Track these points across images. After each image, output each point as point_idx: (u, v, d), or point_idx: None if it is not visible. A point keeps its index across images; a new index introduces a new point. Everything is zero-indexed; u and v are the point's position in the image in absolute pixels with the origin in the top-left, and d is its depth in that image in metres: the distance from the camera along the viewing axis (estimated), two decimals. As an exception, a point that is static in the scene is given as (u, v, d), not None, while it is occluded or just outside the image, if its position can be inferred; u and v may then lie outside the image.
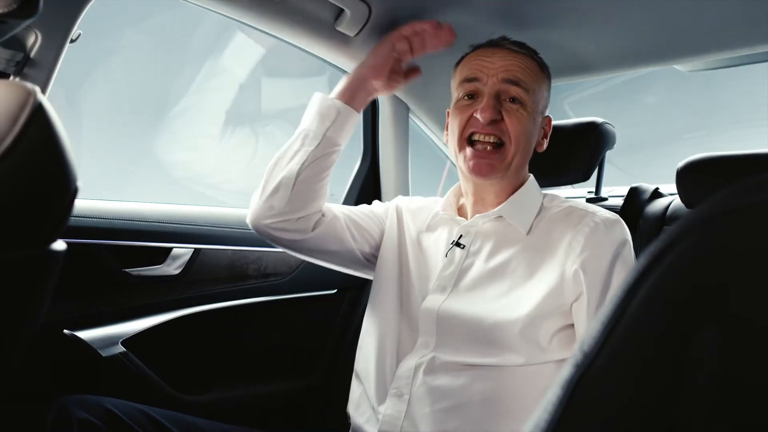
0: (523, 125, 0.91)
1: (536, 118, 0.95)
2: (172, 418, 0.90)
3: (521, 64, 0.94)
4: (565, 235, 0.86)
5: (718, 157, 1.18)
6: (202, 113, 2.33)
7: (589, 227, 0.85)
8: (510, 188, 0.96)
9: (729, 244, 0.25)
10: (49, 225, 0.53)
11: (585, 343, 0.28)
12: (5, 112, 0.48)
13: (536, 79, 0.95)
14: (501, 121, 0.91)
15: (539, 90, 0.95)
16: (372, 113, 1.60)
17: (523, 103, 0.92)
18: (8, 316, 0.53)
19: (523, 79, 0.92)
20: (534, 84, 0.94)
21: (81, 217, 1.09)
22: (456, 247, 0.94)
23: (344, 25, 1.25)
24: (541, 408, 0.29)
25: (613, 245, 0.84)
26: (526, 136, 0.92)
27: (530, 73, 0.94)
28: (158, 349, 1.14)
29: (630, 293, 0.27)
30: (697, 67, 1.49)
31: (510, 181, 0.96)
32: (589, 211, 0.89)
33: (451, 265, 0.93)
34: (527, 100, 0.92)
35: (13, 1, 0.56)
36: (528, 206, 0.94)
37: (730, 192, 0.26)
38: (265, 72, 2.37)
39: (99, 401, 0.84)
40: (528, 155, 0.96)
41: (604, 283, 0.81)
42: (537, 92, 0.94)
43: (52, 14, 0.87)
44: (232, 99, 2.34)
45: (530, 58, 0.96)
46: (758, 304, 0.23)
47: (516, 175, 0.96)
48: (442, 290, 0.92)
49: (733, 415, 0.23)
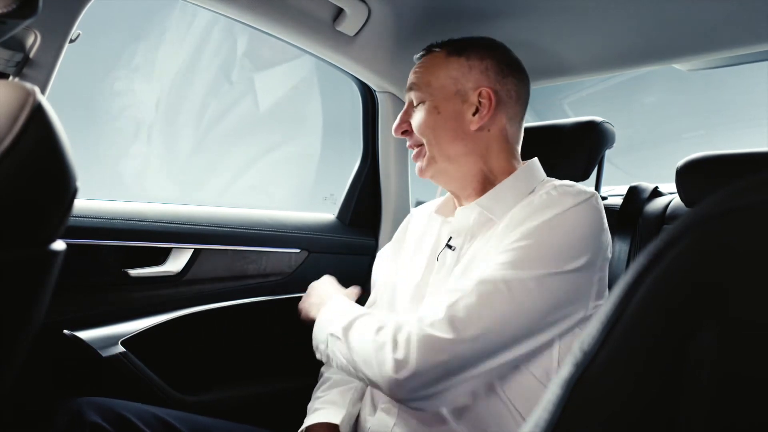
0: (422, 122, 0.94)
1: (442, 105, 0.93)
2: (183, 420, 0.91)
3: (419, 68, 0.97)
4: (520, 211, 0.84)
5: (717, 156, 1.19)
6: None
7: (540, 198, 0.84)
8: (475, 179, 0.95)
9: (729, 243, 0.25)
10: (49, 225, 0.53)
11: (585, 342, 0.28)
12: (5, 113, 0.48)
13: (432, 70, 0.95)
14: (411, 131, 0.97)
15: (439, 76, 0.95)
16: (371, 113, 1.60)
17: (422, 102, 0.95)
18: (8, 316, 0.53)
19: (416, 81, 0.96)
20: (429, 76, 0.95)
21: (81, 217, 1.09)
22: (447, 249, 0.94)
23: (344, 25, 1.25)
24: (541, 407, 0.29)
25: (551, 213, 0.80)
26: (431, 130, 0.93)
27: (425, 69, 0.96)
28: (158, 349, 1.14)
29: (629, 292, 0.27)
30: (697, 66, 1.49)
31: (457, 171, 0.95)
32: (555, 184, 0.87)
33: (443, 269, 0.92)
34: (424, 96, 0.95)
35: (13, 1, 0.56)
36: (507, 197, 0.90)
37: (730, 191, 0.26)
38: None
39: (110, 404, 0.84)
40: (451, 143, 0.93)
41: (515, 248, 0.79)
42: (435, 80, 0.95)
43: (51, 14, 0.87)
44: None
45: (431, 53, 0.98)
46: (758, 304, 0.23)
47: (459, 165, 0.94)
48: (435, 295, 0.91)
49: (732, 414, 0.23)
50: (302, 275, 1.43)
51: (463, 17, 1.27)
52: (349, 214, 1.60)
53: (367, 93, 1.59)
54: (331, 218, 1.60)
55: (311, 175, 2.64)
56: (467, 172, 0.94)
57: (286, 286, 1.41)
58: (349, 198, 1.61)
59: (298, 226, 1.47)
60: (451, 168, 0.94)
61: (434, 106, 0.94)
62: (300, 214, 1.53)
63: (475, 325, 0.74)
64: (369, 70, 1.43)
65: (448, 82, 0.94)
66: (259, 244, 1.37)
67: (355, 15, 1.24)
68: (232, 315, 1.29)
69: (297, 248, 1.44)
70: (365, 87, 1.57)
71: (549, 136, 1.32)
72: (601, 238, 0.82)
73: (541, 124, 1.36)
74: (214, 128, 2.31)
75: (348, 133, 1.71)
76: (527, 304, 0.75)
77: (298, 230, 1.46)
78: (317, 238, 1.49)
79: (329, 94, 2.42)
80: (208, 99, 2.29)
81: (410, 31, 1.33)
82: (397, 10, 1.27)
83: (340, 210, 1.61)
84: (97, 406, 0.82)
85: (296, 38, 1.27)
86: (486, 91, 0.92)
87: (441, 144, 0.94)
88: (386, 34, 1.33)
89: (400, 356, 0.74)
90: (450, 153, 0.94)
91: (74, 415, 0.80)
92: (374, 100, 1.58)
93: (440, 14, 1.28)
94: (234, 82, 2.34)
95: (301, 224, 1.48)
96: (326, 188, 1.69)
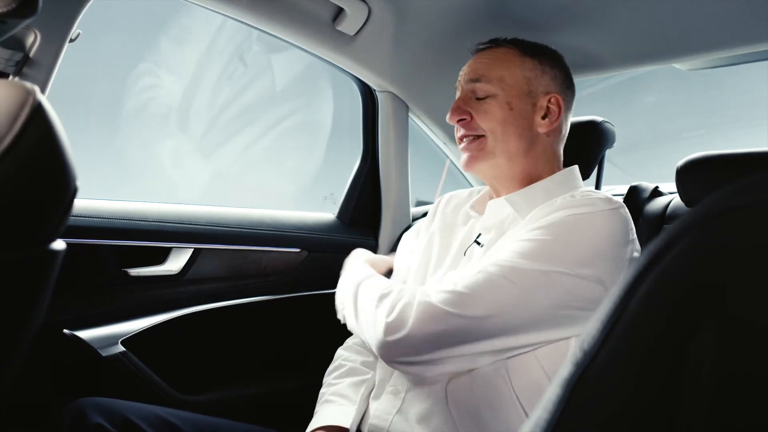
0: (491, 115, 0.93)
1: (515, 102, 0.94)
2: (186, 419, 0.90)
3: (486, 59, 0.96)
4: (542, 211, 0.86)
5: (717, 156, 1.19)
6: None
7: (564, 200, 0.85)
8: (518, 178, 0.96)
9: (728, 242, 0.25)
10: (49, 225, 0.53)
11: (585, 341, 0.28)
12: (4, 112, 0.48)
13: (507, 65, 0.95)
14: (471, 120, 0.95)
15: (515, 73, 0.94)
16: (371, 113, 1.60)
17: (491, 95, 0.94)
18: (8, 316, 0.53)
19: (485, 73, 0.95)
20: (502, 71, 0.94)
21: (81, 217, 1.09)
22: (476, 245, 0.95)
23: (344, 25, 1.25)
24: (541, 407, 0.29)
25: (563, 213, 0.81)
26: (500, 125, 0.93)
27: (497, 62, 0.95)
28: (158, 349, 1.14)
29: (629, 292, 0.27)
30: (697, 65, 1.49)
31: (510, 168, 0.95)
32: (583, 190, 0.89)
33: (469, 264, 0.93)
34: (495, 90, 0.94)
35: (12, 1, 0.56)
36: (540, 196, 0.92)
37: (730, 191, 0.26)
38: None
39: (113, 405, 0.84)
40: (517, 140, 0.93)
41: (529, 237, 0.80)
42: (510, 77, 0.94)
43: (51, 14, 0.87)
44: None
45: (501, 47, 0.97)
46: (758, 304, 0.23)
47: (513, 162, 0.95)
48: None
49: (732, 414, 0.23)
50: (302, 275, 1.43)
51: (462, 17, 1.27)
52: (349, 214, 1.60)
53: (367, 92, 1.58)
54: (331, 218, 1.60)
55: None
56: (518, 171, 0.95)
57: (286, 285, 1.41)
58: (349, 198, 1.61)
59: (298, 226, 1.47)
60: (506, 165, 0.95)
61: (507, 101, 0.94)
62: (300, 214, 1.53)
63: (477, 304, 0.75)
64: (369, 70, 1.43)
65: (522, 81, 0.95)
66: (259, 244, 1.37)
67: (355, 14, 1.24)
68: (231, 315, 1.29)
69: (297, 248, 1.44)
70: (365, 86, 1.57)
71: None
72: (623, 249, 0.80)
73: (541, 124, 1.36)
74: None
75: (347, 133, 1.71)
76: (533, 295, 0.76)
77: (298, 230, 1.46)
78: (317, 238, 1.49)
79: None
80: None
81: (410, 30, 1.33)
82: (398, 9, 1.27)
83: (340, 210, 1.61)
84: (100, 406, 0.82)
85: (296, 38, 1.27)
86: (556, 98, 0.95)
87: (507, 139, 0.94)
88: (386, 34, 1.33)
89: (394, 319, 0.77)
90: (512, 150, 0.94)
91: (77, 417, 0.80)
92: (374, 100, 1.58)
93: (440, 14, 1.28)
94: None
95: (301, 224, 1.48)
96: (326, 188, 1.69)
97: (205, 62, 2.29)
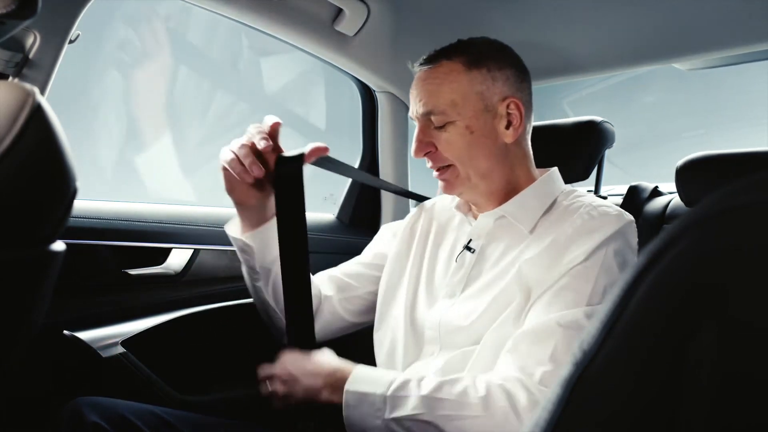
0: (454, 144, 0.89)
1: (474, 124, 0.89)
2: (184, 419, 0.90)
3: (431, 85, 0.90)
4: (563, 232, 0.85)
5: (717, 156, 1.19)
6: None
7: (583, 220, 0.84)
8: (501, 189, 0.94)
9: (728, 242, 0.25)
10: (49, 225, 0.53)
11: (584, 341, 0.28)
12: (4, 113, 0.48)
13: (454, 87, 0.89)
14: (436, 151, 0.91)
15: (465, 93, 0.89)
16: (371, 113, 1.60)
17: (449, 122, 0.89)
18: (8, 316, 0.53)
19: (435, 103, 0.89)
20: (451, 95, 0.89)
21: (81, 217, 1.08)
22: (467, 251, 0.94)
23: (343, 25, 1.25)
24: (541, 407, 0.29)
25: (598, 239, 0.81)
26: (465, 151, 0.89)
27: (443, 86, 0.89)
28: (158, 350, 1.14)
29: (629, 292, 0.27)
30: (697, 65, 1.49)
31: (487, 187, 0.93)
32: (593, 204, 0.87)
33: (461, 270, 0.92)
34: (452, 117, 0.89)
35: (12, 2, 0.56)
36: (532, 206, 0.91)
37: (730, 191, 0.26)
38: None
39: (111, 404, 0.84)
40: (487, 160, 0.91)
41: (574, 275, 0.80)
42: (461, 99, 0.89)
43: (50, 15, 0.86)
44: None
45: (441, 64, 0.91)
46: (757, 303, 0.23)
47: (491, 180, 0.92)
48: (449, 296, 0.91)
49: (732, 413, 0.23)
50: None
51: (462, 17, 1.27)
52: (349, 215, 1.60)
53: (367, 93, 1.58)
54: (331, 218, 1.60)
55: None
56: (498, 186, 0.93)
57: (286, 286, 1.41)
58: (349, 198, 1.61)
59: (298, 226, 1.46)
60: (483, 184, 0.92)
61: (465, 126, 0.89)
62: (300, 214, 1.52)
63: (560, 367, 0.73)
64: (368, 70, 1.43)
65: (475, 98, 0.89)
66: (259, 244, 1.36)
67: (354, 15, 1.24)
68: (231, 315, 1.29)
69: (297, 248, 1.44)
70: (365, 87, 1.57)
71: (549, 135, 1.32)
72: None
73: (541, 124, 1.36)
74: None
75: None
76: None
77: (297, 230, 1.45)
78: (317, 238, 1.49)
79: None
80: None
81: (410, 30, 1.33)
82: (397, 9, 1.27)
83: (340, 210, 1.61)
84: (97, 406, 0.82)
85: (296, 38, 1.27)
86: (514, 102, 0.90)
87: (477, 163, 0.91)
88: (385, 34, 1.33)
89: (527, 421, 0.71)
90: (484, 170, 0.91)
91: (74, 416, 0.79)
92: (374, 100, 1.58)
93: (439, 14, 1.28)
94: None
95: (300, 224, 1.48)
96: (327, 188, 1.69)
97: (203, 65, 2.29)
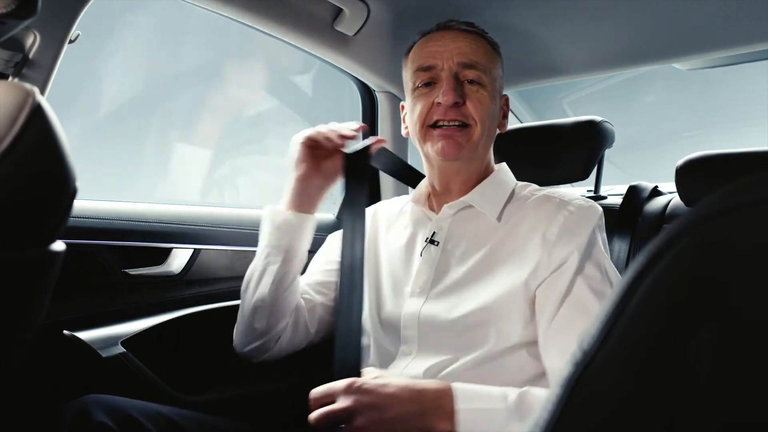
0: (485, 106, 0.90)
1: (496, 98, 0.93)
2: (189, 418, 0.90)
3: (474, 45, 0.91)
4: (540, 225, 0.85)
5: (716, 156, 1.19)
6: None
7: (564, 216, 0.84)
8: (476, 176, 0.94)
9: (728, 242, 0.25)
10: (49, 226, 0.53)
11: (584, 341, 0.28)
12: (4, 113, 0.48)
13: (491, 59, 0.92)
14: (463, 105, 0.88)
15: (494, 69, 0.93)
16: (371, 112, 1.60)
17: (482, 84, 0.90)
18: (8, 316, 0.53)
19: (479, 60, 0.90)
20: (489, 63, 0.91)
21: (81, 217, 1.08)
22: (431, 244, 0.93)
23: (343, 25, 1.25)
24: (541, 407, 0.29)
25: (586, 234, 0.83)
26: (490, 117, 0.91)
27: (484, 53, 0.92)
28: (158, 349, 1.14)
29: (629, 291, 0.27)
30: (696, 65, 1.49)
31: (476, 167, 0.94)
32: (564, 199, 0.87)
33: (427, 265, 0.92)
34: (486, 81, 0.90)
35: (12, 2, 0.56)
36: (497, 193, 0.92)
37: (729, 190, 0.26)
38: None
39: (116, 402, 0.83)
40: (492, 137, 0.95)
41: (576, 270, 0.81)
42: (493, 71, 0.92)
43: (50, 15, 0.86)
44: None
45: (482, 37, 0.94)
46: (757, 303, 0.23)
47: (481, 161, 0.94)
48: (420, 294, 0.90)
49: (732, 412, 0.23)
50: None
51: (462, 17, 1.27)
52: (348, 214, 1.59)
53: (367, 93, 1.58)
54: (331, 218, 1.60)
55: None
56: (477, 172, 0.95)
57: (286, 286, 1.41)
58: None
59: (298, 226, 1.46)
60: (476, 162, 0.94)
61: (492, 95, 0.92)
62: (300, 214, 1.52)
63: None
64: (368, 70, 1.43)
65: (499, 77, 0.95)
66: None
67: (354, 15, 1.24)
68: (232, 315, 1.28)
69: (297, 248, 1.44)
70: (365, 87, 1.57)
71: (549, 135, 1.32)
72: None
73: (541, 124, 1.37)
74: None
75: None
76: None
77: (297, 230, 1.45)
78: (317, 238, 1.48)
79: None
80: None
81: (410, 30, 1.33)
82: (397, 9, 1.27)
83: (340, 210, 1.61)
84: (103, 404, 0.81)
85: (296, 38, 1.27)
86: (506, 99, 0.97)
87: (490, 135, 0.93)
88: (386, 34, 1.33)
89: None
90: (486, 147, 0.94)
91: (80, 414, 0.79)
92: (374, 100, 1.58)
93: (439, 14, 1.28)
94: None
95: (300, 224, 1.48)
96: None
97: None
